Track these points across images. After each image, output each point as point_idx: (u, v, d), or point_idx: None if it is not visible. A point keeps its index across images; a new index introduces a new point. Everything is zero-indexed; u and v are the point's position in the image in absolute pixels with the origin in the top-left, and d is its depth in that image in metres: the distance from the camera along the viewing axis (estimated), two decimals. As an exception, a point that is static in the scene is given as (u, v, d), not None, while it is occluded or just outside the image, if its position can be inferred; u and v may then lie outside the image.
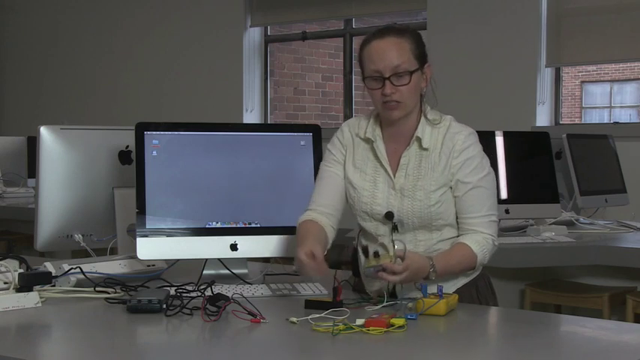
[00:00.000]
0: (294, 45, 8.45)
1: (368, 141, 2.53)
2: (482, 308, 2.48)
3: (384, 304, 2.35)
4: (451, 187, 2.47)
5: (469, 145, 2.48)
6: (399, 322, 2.11)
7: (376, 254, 2.33)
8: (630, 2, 5.77)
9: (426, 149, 2.47)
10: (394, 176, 2.48)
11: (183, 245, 2.64)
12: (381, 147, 2.51)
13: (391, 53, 2.41)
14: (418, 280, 2.37)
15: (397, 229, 2.45)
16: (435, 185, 2.45)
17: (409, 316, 2.20)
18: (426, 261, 2.37)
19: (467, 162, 2.46)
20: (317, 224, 2.50)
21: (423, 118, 2.49)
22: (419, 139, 2.47)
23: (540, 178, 4.28)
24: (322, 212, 2.54)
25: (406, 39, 2.44)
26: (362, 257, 2.51)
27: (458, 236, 2.51)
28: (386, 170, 2.50)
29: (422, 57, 2.47)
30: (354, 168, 2.54)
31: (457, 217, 2.50)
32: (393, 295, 2.46)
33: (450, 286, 2.47)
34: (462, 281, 2.53)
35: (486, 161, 2.52)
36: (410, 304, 2.29)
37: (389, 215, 2.45)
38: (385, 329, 2.08)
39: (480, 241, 2.46)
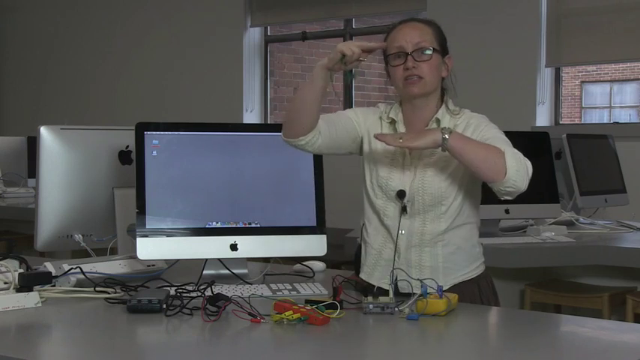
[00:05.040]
0: (294, 45, 8.44)
1: (392, 122, 2.59)
2: (482, 308, 2.48)
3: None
4: None
5: (483, 121, 2.56)
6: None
7: (376, 296, 2.31)
8: (630, 2, 5.77)
9: None
10: (410, 156, 2.53)
11: (183, 245, 2.64)
12: (401, 128, 2.57)
13: (414, 32, 2.53)
14: (430, 140, 2.34)
15: (406, 211, 2.48)
16: (446, 162, 2.49)
17: (409, 317, 2.20)
18: (431, 129, 2.42)
19: (482, 127, 2.52)
20: None
21: (444, 105, 2.57)
22: (438, 121, 2.54)
23: (540, 178, 4.24)
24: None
25: (429, 26, 2.58)
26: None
27: (466, 224, 2.53)
28: (403, 150, 2.53)
29: (443, 46, 2.57)
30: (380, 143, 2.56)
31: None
32: (396, 293, 2.45)
33: (451, 280, 2.48)
34: (464, 276, 2.53)
35: (501, 132, 2.54)
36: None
37: (400, 194, 2.49)
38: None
39: (515, 156, 2.38)
